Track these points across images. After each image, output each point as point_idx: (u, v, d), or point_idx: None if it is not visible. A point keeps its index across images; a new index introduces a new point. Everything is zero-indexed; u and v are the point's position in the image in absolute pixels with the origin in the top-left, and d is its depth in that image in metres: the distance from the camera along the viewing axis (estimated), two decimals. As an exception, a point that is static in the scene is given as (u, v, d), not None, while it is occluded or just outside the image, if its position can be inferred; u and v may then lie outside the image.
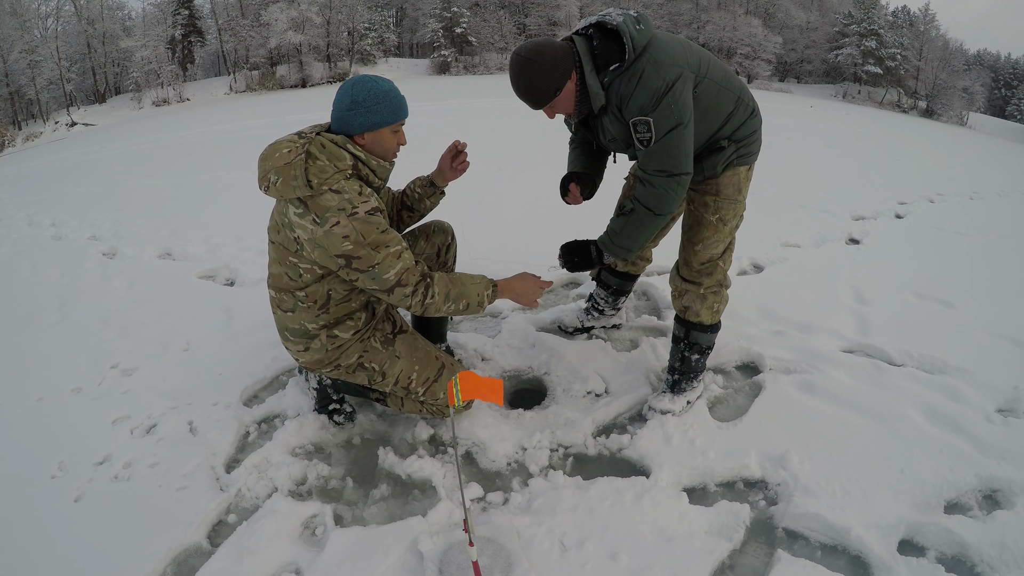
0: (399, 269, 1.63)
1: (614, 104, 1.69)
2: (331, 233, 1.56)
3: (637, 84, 1.62)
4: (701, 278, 1.99)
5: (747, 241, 3.72)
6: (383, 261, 1.60)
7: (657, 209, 1.77)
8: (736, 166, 1.88)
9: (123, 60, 32.54)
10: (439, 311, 1.73)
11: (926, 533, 1.62)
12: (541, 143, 7.21)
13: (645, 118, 1.64)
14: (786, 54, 40.40)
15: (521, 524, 1.61)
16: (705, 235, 1.95)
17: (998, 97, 54.91)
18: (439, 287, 1.70)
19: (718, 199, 1.91)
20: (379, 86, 1.62)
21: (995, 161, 11.52)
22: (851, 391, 2.19)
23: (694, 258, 1.98)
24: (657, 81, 1.61)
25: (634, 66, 1.63)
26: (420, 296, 1.68)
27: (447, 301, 1.72)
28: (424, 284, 1.69)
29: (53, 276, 3.51)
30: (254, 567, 1.52)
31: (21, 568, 1.56)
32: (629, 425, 2.08)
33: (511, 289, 1.84)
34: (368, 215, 1.58)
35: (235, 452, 1.96)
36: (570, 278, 3.16)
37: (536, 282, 1.87)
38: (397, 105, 1.66)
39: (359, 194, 1.60)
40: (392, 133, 1.68)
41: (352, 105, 1.61)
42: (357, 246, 1.57)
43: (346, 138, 1.63)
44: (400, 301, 1.68)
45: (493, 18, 38.51)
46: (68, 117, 27.39)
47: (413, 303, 1.68)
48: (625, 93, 1.65)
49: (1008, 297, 3.16)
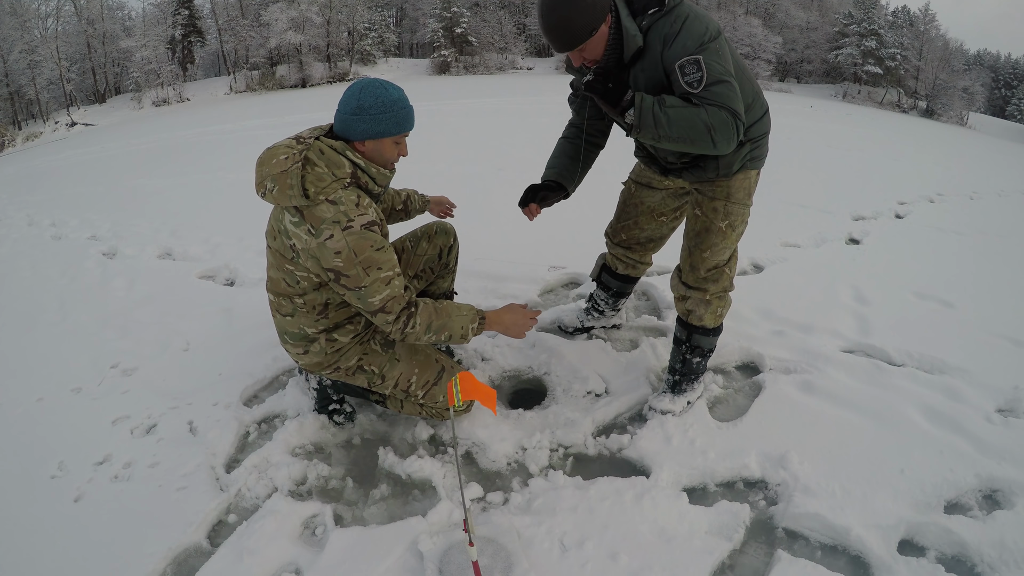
0: (385, 296, 1.60)
1: (655, 48, 1.59)
2: (324, 246, 1.54)
3: (682, 26, 1.56)
4: (707, 284, 1.97)
5: (747, 241, 3.68)
6: (371, 285, 1.57)
7: (716, 133, 1.53)
8: (748, 169, 1.86)
9: (123, 60, 32.54)
10: (419, 340, 1.71)
11: (926, 533, 1.62)
12: (541, 143, 7.20)
13: (694, 56, 1.53)
14: (786, 54, 40.40)
15: (521, 524, 1.61)
16: (714, 241, 1.92)
17: (998, 97, 54.89)
18: (421, 317, 1.67)
19: (728, 204, 1.88)
20: (388, 94, 1.58)
21: (995, 161, 11.52)
22: (851, 391, 2.19)
23: (701, 264, 1.95)
24: (700, 27, 1.56)
25: (675, 10, 1.58)
26: (401, 325, 1.65)
27: (428, 332, 1.70)
28: (407, 314, 1.66)
29: (53, 276, 3.51)
30: (254, 567, 1.52)
31: (21, 568, 1.56)
32: (629, 425, 2.08)
33: (500, 322, 1.82)
34: (364, 229, 1.55)
35: (235, 452, 1.96)
36: (570, 278, 3.16)
37: (525, 314, 1.86)
38: (404, 117, 1.61)
39: (356, 205, 1.56)
40: (394, 144, 1.64)
41: (357, 110, 1.57)
42: (348, 264, 1.54)
43: (345, 144, 1.60)
44: (382, 325, 1.67)
45: (493, 18, 38.54)
46: (68, 117, 27.40)
47: (393, 330, 1.66)
48: (669, 34, 1.57)
49: (1008, 297, 3.16)
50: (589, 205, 2.77)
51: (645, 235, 2.27)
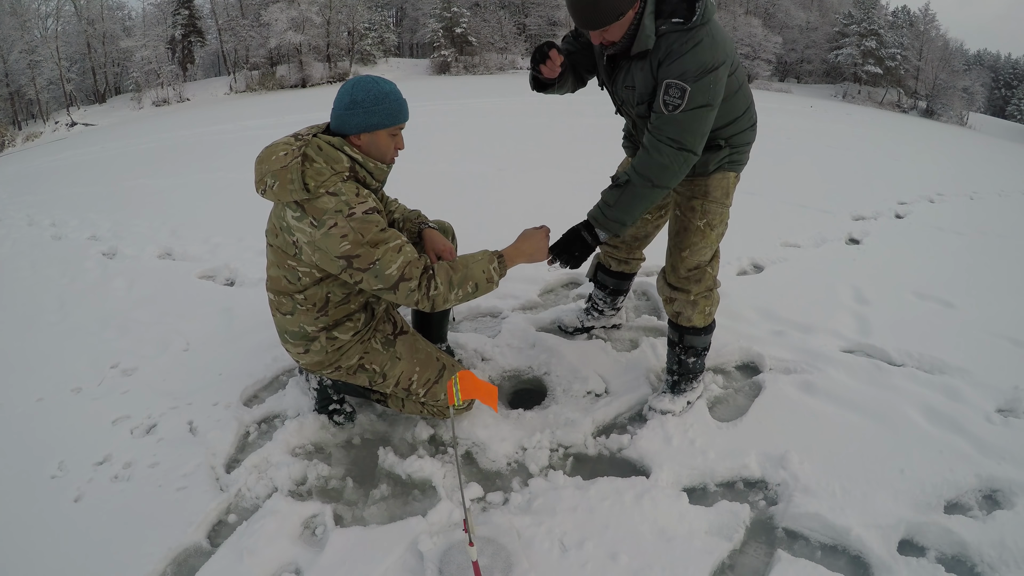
0: (401, 263, 1.59)
1: (658, 55, 1.64)
2: (329, 235, 1.55)
3: (691, 49, 1.59)
4: (689, 285, 1.98)
5: (747, 241, 3.73)
6: (383, 256, 1.57)
7: (657, 180, 1.70)
8: (726, 170, 1.90)
9: (123, 60, 32.50)
10: (448, 301, 1.65)
11: (926, 533, 1.62)
12: (541, 144, 7.22)
13: (683, 85, 1.60)
14: (786, 54, 40.41)
15: (521, 524, 1.62)
16: (692, 240, 1.94)
17: (998, 97, 54.88)
18: (440, 276, 1.64)
19: (705, 202, 1.91)
20: (380, 87, 1.61)
21: (995, 161, 11.52)
22: (851, 391, 2.19)
23: (681, 264, 1.98)
24: (708, 57, 1.59)
25: (696, 31, 1.60)
26: (424, 289, 1.61)
27: (452, 288, 1.64)
28: (427, 276, 1.63)
29: (53, 276, 3.51)
30: (254, 567, 1.52)
31: (21, 568, 1.56)
32: (629, 425, 2.08)
33: (521, 253, 1.78)
34: (365, 215, 1.57)
35: (235, 452, 1.96)
36: (570, 277, 3.16)
37: (538, 236, 1.81)
38: (397, 108, 1.64)
39: (356, 195, 1.59)
40: (390, 136, 1.66)
41: (351, 104, 1.60)
42: (355, 245, 1.55)
43: (343, 139, 1.62)
44: (406, 297, 1.62)
45: (493, 18, 38.50)
46: (68, 117, 27.38)
47: (420, 298, 1.62)
48: (675, 51, 1.60)
49: (1008, 297, 3.16)
50: (590, 205, 2.74)
51: (631, 233, 2.30)
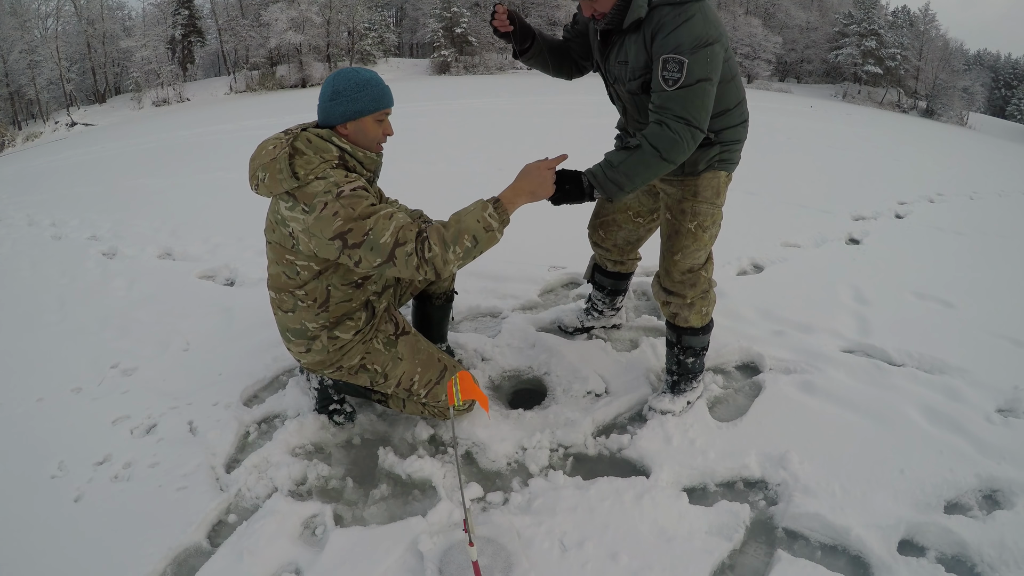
0: (393, 228, 1.53)
1: (650, 28, 1.62)
2: (321, 217, 1.54)
3: (684, 22, 1.57)
4: (684, 289, 1.97)
5: (747, 241, 3.74)
6: (375, 226, 1.54)
7: (666, 153, 1.62)
8: (716, 169, 1.87)
9: (123, 60, 32.50)
10: (448, 262, 1.56)
11: (926, 533, 1.62)
12: (542, 144, 7.21)
13: (680, 58, 1.56)
14: (786, 54, 40.40)
15: (521, 524, 1.62)
16: (684, 244, 1.92)
17: (998, 97, 54.85)
18: (433, 237, 1.55)
19: (696, 203, 1.88)
20: (360, 75, 1.63)
21: (995, 161, 11.52)
22: (851, 391, 2.19)
23: (675, 268, 1.96)
24: (702, 30, 1.57)
25: (688, 6, 1.59)
26: (421, 252, 1.54)
27: (447, 246, 1.55)
28: (421, 239, 1.55)
29: (53, 276, 3.51)
30: (254, 567, 1.52)
31: (21, 568, 1.56)
32: (629, 425, 2.08)
33: (521, 192, 1.62)
34: (354, 192, 1.55)
35: (235, 452, 1.96)
36: (570, 278, 3.16)
37: (541, 168, 1.64)
38: (379, 93, 1.64)
39: (345, 177, 1.58)
40: (376, 122, 1.66)
41: (333, 95, 1.61)
42: (347, 220, 1.53)
43: (331, 131, 1.63)
44: (405, 264, 1.54)
45: (493, 18, 38.46)
46: (68, 117, 27.38)
47: (418, 263, 1.54)
48: (668, 23, 1.58)
49: (1008, 297, 3.16)
50: (589, 206, 2.74)
51: (622, 236, 2.29)
